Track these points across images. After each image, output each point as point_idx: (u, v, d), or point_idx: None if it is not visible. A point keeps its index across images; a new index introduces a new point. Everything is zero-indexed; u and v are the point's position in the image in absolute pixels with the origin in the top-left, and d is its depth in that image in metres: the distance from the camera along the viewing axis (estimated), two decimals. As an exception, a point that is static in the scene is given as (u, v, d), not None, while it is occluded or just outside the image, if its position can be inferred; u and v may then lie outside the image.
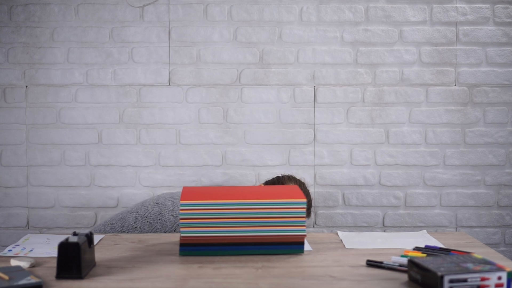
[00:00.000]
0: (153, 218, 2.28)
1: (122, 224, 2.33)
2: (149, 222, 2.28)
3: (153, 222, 2.28)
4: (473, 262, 1.37)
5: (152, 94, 2.74)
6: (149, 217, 2.29)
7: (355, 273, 1.48)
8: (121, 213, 2.38)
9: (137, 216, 2.31)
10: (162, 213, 2.27)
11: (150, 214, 2.29)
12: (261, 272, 1.48)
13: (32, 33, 2.71)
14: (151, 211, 2.30)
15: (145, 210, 2.31)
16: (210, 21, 2.73)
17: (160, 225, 2.26)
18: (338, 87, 2.76)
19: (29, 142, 2.73)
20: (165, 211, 2.27)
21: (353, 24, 2.75)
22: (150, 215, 2.29)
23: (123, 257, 1.62)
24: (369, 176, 2.78)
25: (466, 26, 2.75)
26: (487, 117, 2.77)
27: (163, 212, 2.27)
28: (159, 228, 2.26)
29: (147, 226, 2.29)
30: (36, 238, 1.83)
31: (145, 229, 2.29)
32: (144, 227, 2.29)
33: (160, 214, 2.28)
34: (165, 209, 2.27)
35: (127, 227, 2.31)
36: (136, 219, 2.31)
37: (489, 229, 2.80)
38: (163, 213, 2.27)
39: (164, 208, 2.28)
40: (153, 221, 2.28)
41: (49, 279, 1.42)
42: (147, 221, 2.29)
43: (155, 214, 2.28)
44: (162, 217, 2.26)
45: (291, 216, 1.61)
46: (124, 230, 2.32)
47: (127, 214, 2.35)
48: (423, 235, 1.89)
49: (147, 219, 2.29)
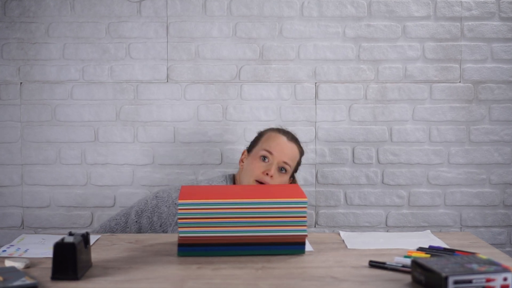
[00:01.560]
0: (150, 212, 2.29)
1: (126, 220, 2.35)
2: (147, 216, 2.29)
3: (150, 215, 2.29)
4: (478, 263, 1.37)
5: (150, 91, 2.74)
6: (147, 211, 2.30)
7: (357, 274, 1.48)
8: (126, 209, 2.39)
9: (138, 210, 2.33)
10: (158, 205, 2.28)
11: (148, 207, 2.30)
12: (261, 273, 1.48)
13: (27, 28, 2.71)
14: (150, 205, 2.31)
15: (145, 204, 2.32)
16: (209, 16, 2.73)
17: (156, 218, 2.27)
18: (340, 83, 2.76)
19: (23, 140, 2.73)
20: (161, 203, 2.27)
21: (355, 19, 2.74)
22: (148, 209, 2.30)
23: (120, 258, 1.62)
24: (371, 175, 2.78)
25: (471, 21, 2.75)
26: (493, 114, 2.77)
27: (159, 205, 2.28)
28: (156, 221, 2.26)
29: (145, 220, 2.29)
30: (31, 238, 1.83)
31: (143, 223, 2.30)
32: (142, 221, 2.30)
33: (156, 206, 2.28)
34: (162, 202, 2.28)
35: (130, 222, 2.32)
36: (136, 213, 2.32)
37: (494, 229, 2.80)
38: (159, 205, 2.27)
39: (161, 201, 2.28)
40: (151, 214, 2.29)
41: (44, 280, 1.42)
42: (145, 215, 2.30)
43: (153, 207, 2.29)
44: (158, 209, 2.27)
45: (291, 215, 1.60)
46: (127, 225, 2.33)
47: (130, 209, 2.36)
48: (427, 235, 1.89)
49: (146, 213, 2.30)
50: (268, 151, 2.25)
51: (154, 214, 2.27)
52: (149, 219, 2.28)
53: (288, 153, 2.27)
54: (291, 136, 2.33)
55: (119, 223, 2.35)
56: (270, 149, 2.25)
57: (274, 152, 2.24)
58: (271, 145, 2.26)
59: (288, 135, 2.33)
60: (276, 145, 2.26)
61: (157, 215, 2.26)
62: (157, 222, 2.26)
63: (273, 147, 2.25)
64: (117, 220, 2.36)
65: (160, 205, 2.27)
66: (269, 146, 2.26)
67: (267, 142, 2.28)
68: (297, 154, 2.32)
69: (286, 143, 2.29)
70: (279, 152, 2.25)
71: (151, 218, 2.28)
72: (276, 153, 2.24)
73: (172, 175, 2.75)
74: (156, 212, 2.27)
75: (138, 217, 2.31)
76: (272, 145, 2.26)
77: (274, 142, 2.27)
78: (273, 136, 2.31)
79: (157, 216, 2.26)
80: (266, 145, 2.27)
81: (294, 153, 2.30)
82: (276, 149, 2.25)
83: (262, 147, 2.27)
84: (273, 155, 2.24)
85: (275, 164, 2.23)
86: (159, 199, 2.30)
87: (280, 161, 2.24)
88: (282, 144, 2.27)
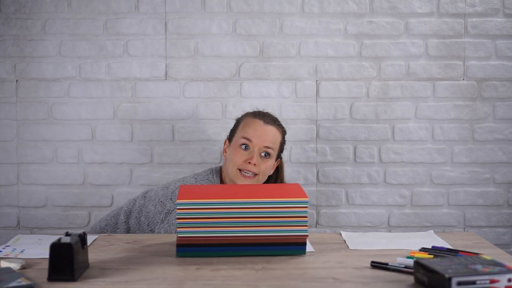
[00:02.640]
0: (138, 212, 2.28)
1: (115, 221, 2.34)
2: (135, 216, 2.29)
3: (138, 215, 2.28)
4: (482, 264, 1.37)
5: (148, 88, 2.74)
6: (135, 211, 2.29)
7: (359, 275, 1.48)
8: (117, 209, 2.38)
9: (126, 211, 2.32)
10: (145, 205, 2.27)
11: (136, 207, 2.29)
12: (261, 274, 1.48)
13: (23, 25, 2.71)
14: (137, 204, 2.29)
15: (133, 204, 2.31)
16: (208, 12, 2.73)
17: (144, 218, 2.26)
18: (341, 81, 2.76)
19: (19, 139, 2.73)
20: (148, 203, 2.26)
21: (357, 15, 2.74)
22: (136, 209, 2.29)
23: (118, 258, 1.62)
24: (373, 174, 2.78)
25: (474, 17, 2.75)
26: (497, 112, 2.77)
27: (147, 204, 2.26)
28: (143, 221, 2.25)
29: (133, 220, 2.29)
30: (27, 239, 1.83)
31: (131, 223, 2.29)
32: (130, 221, 2.29)
33: (144, 206, 2.27)
34: (149, 201, 2.26)
35: (120, 223, 2.32)
36: (125, 213, 2.31)
37: (498, 229, 2.80)
38: (146, 205, 2.26)
39: (148, 200, 2.27)
40: (138, 214, 2.28)
41: (40, 281, 1.42)
42: (133, 215, 2.29)
43: (140, 207, 2.28)
44: (146, 208, 2.25)
45: (292, 215, 1.60)
46: (117, 226, 2.32)
47: (120, 210, 2.35)
48: (430, 235, 1.89)
49: (134, 213, 2.29)
50: (246, 139, 2.22)
51: (142, 214, 2.26)
52: (137, 219, 2.27)
53: (267, 137, 2.23)
54: (269, 118, 2.29)
55: (109, 224, 2.34)
56: (249, 136, 2.21)
57: (253, 139, 2.21)
58: (249, 132, 2.23)
59: (265, 117, 2.28)
60: (254, 131, 2.23)
61: (144, 215, 2.25)
62: (144, 221, 2.25)
63: (251, 134, 2.22)
64: (108, 221, 2.35)
65: (147, 204, 2.26)
66: (247, 133, 2.22)
67: (244, 129, 2.25)
68: (277, 135, 2.27)
69: (263, 126, 2.24)
70: (257, 138, 2.21)
71: (138, 218, 2.27)
72: (255, 140, 2.21)
73: (171, 174, 2.74)
74: (144, 212, 2.26)
75: (126, 217, 2.31)
76: (249, 132, 2.23)
77: (251, 128, 2.24)
78: (249, 122, 2.27)
79: (144, 216, 2.25)
80: (243, 133, 2.23)
81: (274, 135, 2.26)
82: (255, 135, 2.22)
83: (240, 135, 2.24)
84: (252, 142, 2.21)
85: (256, 151, 2.21)
86: (147, 199, 2.28)
87: (261, 146, 2.21)
88: (259, 129, 2.23)
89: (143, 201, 2.29)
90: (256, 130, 2.23)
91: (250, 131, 2.23)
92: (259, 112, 2.32)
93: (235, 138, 2.27)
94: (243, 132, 2.24)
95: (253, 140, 2.21)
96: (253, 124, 2.25)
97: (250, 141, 2.21)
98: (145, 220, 2.24)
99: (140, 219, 2.26)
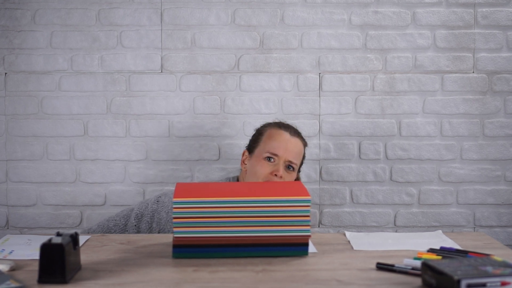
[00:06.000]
0: (150, 217, 2.29)
1: (125, 222, 2.34)
2: (146, 221, 2.29)
3: (149, 220, 2.28)
4: (492, 265, 1.37)
5: (143, 82, 2.74)
6: (147, 215, 2.29)
7: (364, 277, 1.48)
8: (127, 210, 2.38)
9: (138, 214, 2.32)
10: (158, 211, 2.28)
11: (148, 211, 2.30)
12: (261, 276, 1.49)
13: (12, 15, 2.71)
14: (150, 209, 2.30)
15: (145, 208, 2.32)
16: (206, 2, 2.73)
17: (155, 224, 2.27)
18: (345, 74, 2.76)
19: (8, 134, 2.73)
20: (161, 209, 2.27)
21: (362, 5, 2.74)
22: (148, 213, 2.30)
23: (111, 260, 1.62)
24: (379, 171, 2.78)
25: (485, 7, 2.75)
26: (508, 107, 2.77)
27: (159, 210, 2.27)
28: (154, 227, 2.26)
29: (145, 225, 2.29)
30: (16, 239, 1.83)
31: (142, 228, 2.29)
32: (141, 226, 2.30)
33: (156, 211, 2.28)
34: (162, 207, 2.28)
35: (129, 225, 2.32)
36: (136, 216, 2.32)
37: (510, 229, 2.80)
38: (159, 211, 2.27)
39: (161, 206, 2.28)
40: (150, 219, 2.28)
41: (30, 284, 1.42)
42: (145, 220, 2.30)
43: (152, 212, 2.29)
44: (158, 214, 2.26)
45: (294, 215, 1.60)
46: (126, 228, 2.32)
47: (131, 211, 2.35)
48: (438, 235, 1.89)
49: (145, 218, 2.30)
50: (272, 152, 2.25)
51: (154, 220, 2.27)
52: (148, 224, 2.28)
53: (293, 150, 2.28)
54: (293, 130, 2.34)
55: (118, 225, 2.34)
56: (275, 151, 2.25)
57: (279, 152, 2.25)
58: (275, 146, 2.26)
59: (290, 129, 2.33)
60: (280, 144, 2.26)
61: (156, 221, 2.26)
62: (155, 228, 2.26)
63: (278, 148, 2.26)
64: (116, 221, 2.35)
65: (160, 210, 2.27)
66: (273, 148, 2.26)
67: (270, 142, 2.28)
68: (302, 149, 2.33)
69: (290, 139, 2.29)
70: (284, 151, 2.26)
71: (150, 223, 2.28)
72: (281, 152, 2.25)
73: (167, 172, 2.75)
74: (156, 218, 2.27)
75: (137, 221, 2.31)
76: (275, 146, 2.26)
77: (277, 141, 2.27)
78: (274, 133, 2.31)
79: (156, 223, 2.26)
80: (269, 146, 2.27)
81: (299, 148, 2.31)
82: (281, 149, 2.26)
83: (265, 149, 2.27)
84: (278, 156, 2.25)
85: (281, 164, 2.24)
86: (160, 203, 2.29)
87: (287, 159, 2.25)
88: (286, 142, 2.28)
89: (156, 206, 2.29)
90: (283, 143, 2.27)
91: (276, 145, 2.27)
92: (283, 123, 2.37)
93: (259, 150, 2.29)
94: (269, 146, 2.27)
95: (279, 153, 2.25)
96: (278, 136, 2.30)
97: (276, 155, 2.25)
98: (157, 227, 2.25)
99: (152, 225, 2.27)
